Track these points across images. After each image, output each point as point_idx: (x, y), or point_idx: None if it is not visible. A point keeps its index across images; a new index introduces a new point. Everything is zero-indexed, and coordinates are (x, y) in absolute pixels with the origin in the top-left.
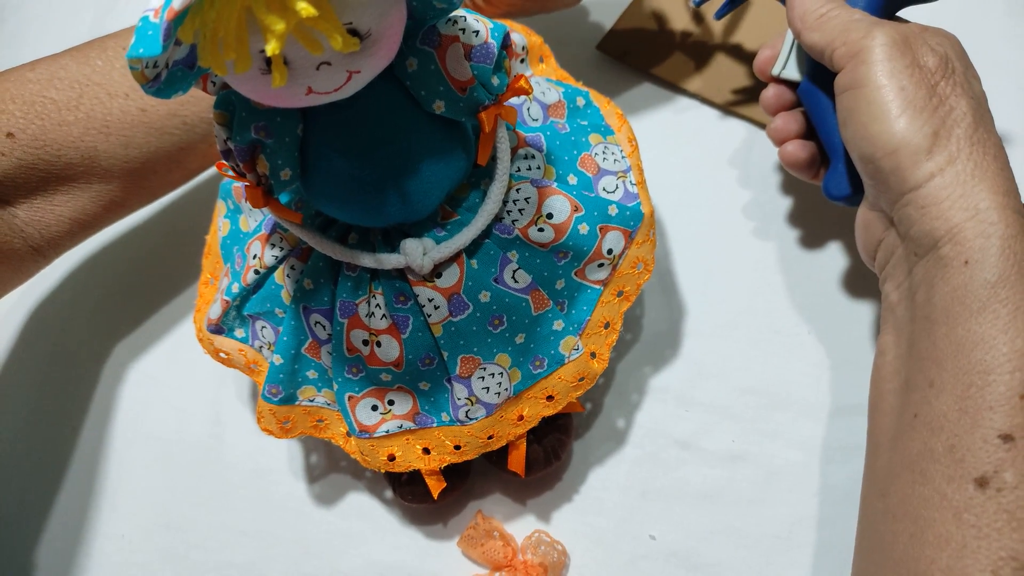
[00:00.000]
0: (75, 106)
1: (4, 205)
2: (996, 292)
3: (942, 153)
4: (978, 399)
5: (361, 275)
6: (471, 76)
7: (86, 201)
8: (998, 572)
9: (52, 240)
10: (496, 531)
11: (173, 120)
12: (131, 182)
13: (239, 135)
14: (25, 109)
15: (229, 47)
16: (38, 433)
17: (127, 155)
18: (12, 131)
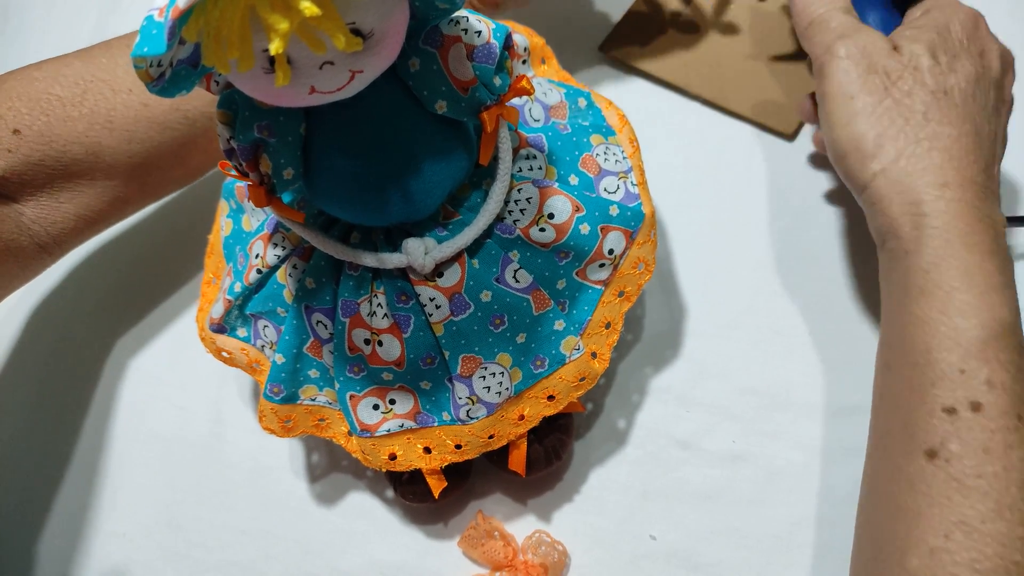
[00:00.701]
0: (79, 102)
1: (10, 202)
2: (931, 277)
3: (886, 154)
4: (922, 377)
5: (363, 274)
6: (473, 76)
7: (91, 198)
8: (950, 536)
9: (58, 237)
10: (497, 531)
11: (175, 115)
12: (135, 178)
13: (242, 134)
14: (31, 106)
15: (233, 46)
16: (39, 431)
17: (130, 150)
18: (18, 127)
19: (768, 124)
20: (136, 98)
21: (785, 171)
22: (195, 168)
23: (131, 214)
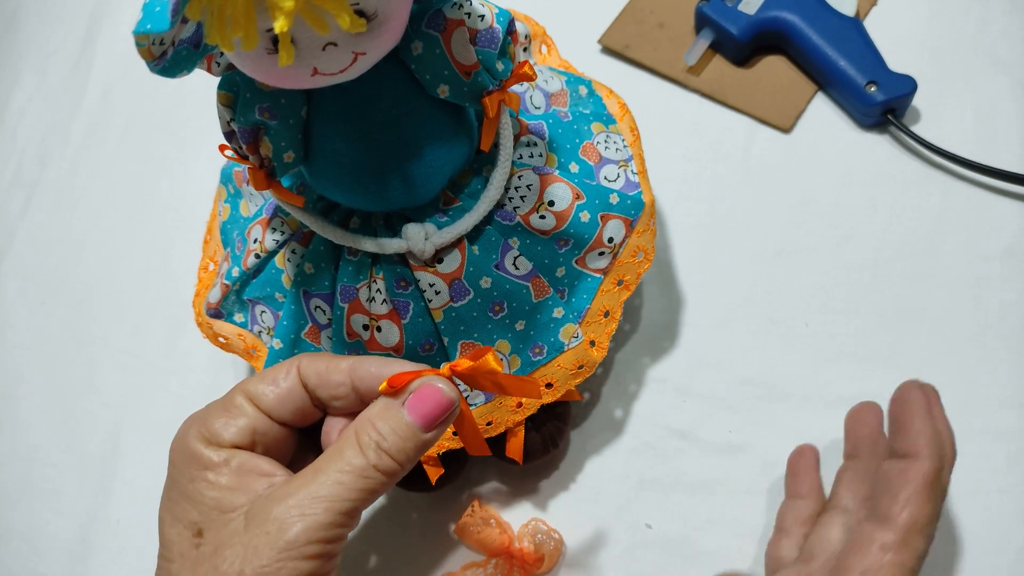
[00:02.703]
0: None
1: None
2: None
3: None
4: None
5: (362, 260)
6: (476, 61)
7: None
8: None
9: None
10: (493, 519)
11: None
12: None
13: (243, 116)
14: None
15: (237, 24)
16: (34, 418)
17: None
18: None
19: (765, 118)
20: None
21: (782, 163)
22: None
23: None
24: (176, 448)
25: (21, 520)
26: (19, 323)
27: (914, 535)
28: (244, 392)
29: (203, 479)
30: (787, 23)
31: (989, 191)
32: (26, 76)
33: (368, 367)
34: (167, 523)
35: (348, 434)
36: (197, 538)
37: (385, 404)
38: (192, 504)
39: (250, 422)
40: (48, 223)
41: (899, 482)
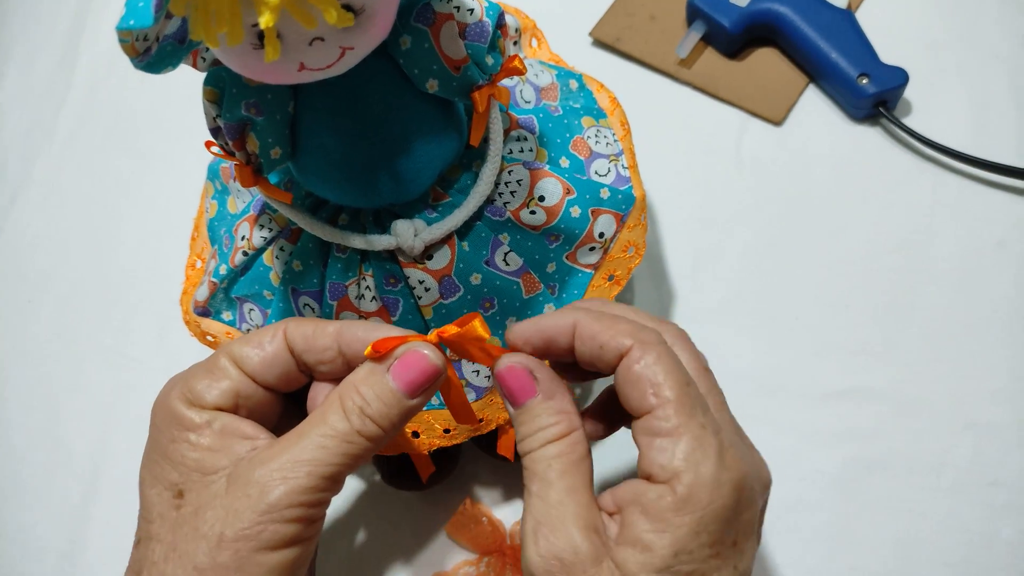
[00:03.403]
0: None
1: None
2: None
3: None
4: None
5: (351, 256)
6: (465, 55)
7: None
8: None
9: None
10: (484, 516)
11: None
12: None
13: (229, 112)
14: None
15: (222, 19)
16: (21, 417)
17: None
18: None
19: (756, 110)
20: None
21: (774, 156)
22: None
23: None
24: (158, 408)
25: (9, 520)
26: (5, 321)
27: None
28: (228, 354)
29: (184, 440)
30: (779, 15)
31: (981, 183)
32: (10, 73)
33: (355, 331)
34: (147, 483)
35: (332, 398)
36: (177, 499)
37: (370, 369)
38: (172, 465)
39: (233, 385)
40: (34, 220)
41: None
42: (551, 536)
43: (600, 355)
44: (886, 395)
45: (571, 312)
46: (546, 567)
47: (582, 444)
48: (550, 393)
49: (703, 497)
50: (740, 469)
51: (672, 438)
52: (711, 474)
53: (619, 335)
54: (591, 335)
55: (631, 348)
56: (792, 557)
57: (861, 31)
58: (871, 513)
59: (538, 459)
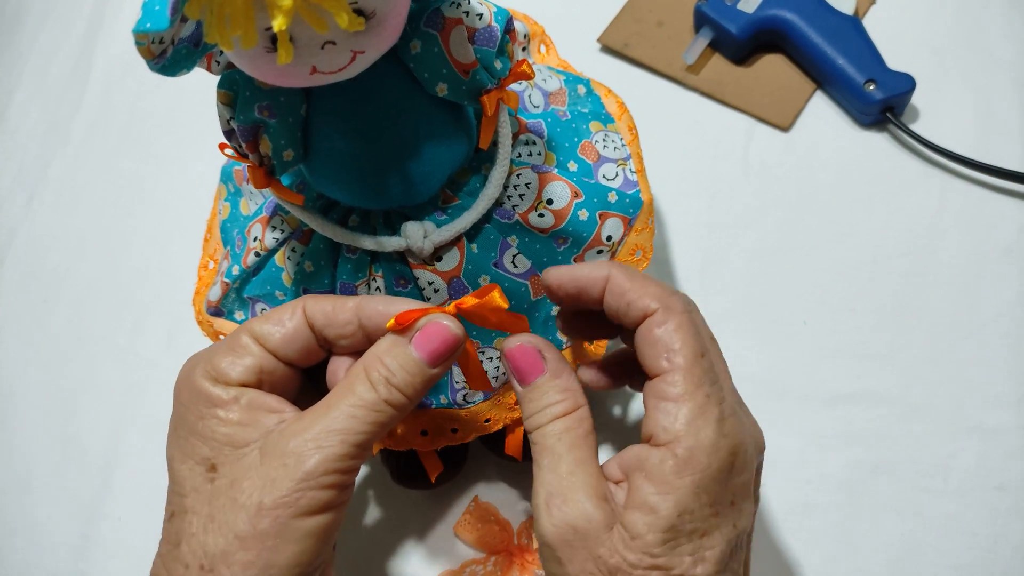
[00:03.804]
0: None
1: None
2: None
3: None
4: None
5: (361, 257)
6: (474, 59)
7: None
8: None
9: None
10: (492, 516)
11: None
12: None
13: (242, 114)
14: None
15: (236, 23)
16: (35, 415)
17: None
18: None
19: (763, 116)
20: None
21: (781, 162)
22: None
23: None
24: (183, 386)
25: (23, 517)
26: (20, 321)
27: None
28: (250, 332)
29: (213, 416)
30: (786, 22)
31: (987, 189)
32: (27, 76)
33: (375, 306)
34: (177, 459)
35: (357, 370)
36: (211, 472)
37: (393, 341)
38: (203, 440)
39: (256, 361)
40: (49, 221)
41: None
42: (564, 506)
43: (627, 311)
44: (892, 399)
45: (606, 266)
46: (561, 535)
47: (588, 420)
48: (557, 372)
49: (702, 460)
50: (737, 436)
51: (677, 403)
52: (710, 439)
53: (647, 296)
54: (621, 291)
55: (656, 311)
56: (797, 559)
57: (868, 37)
58: (876, 516)
59: (547, 434)
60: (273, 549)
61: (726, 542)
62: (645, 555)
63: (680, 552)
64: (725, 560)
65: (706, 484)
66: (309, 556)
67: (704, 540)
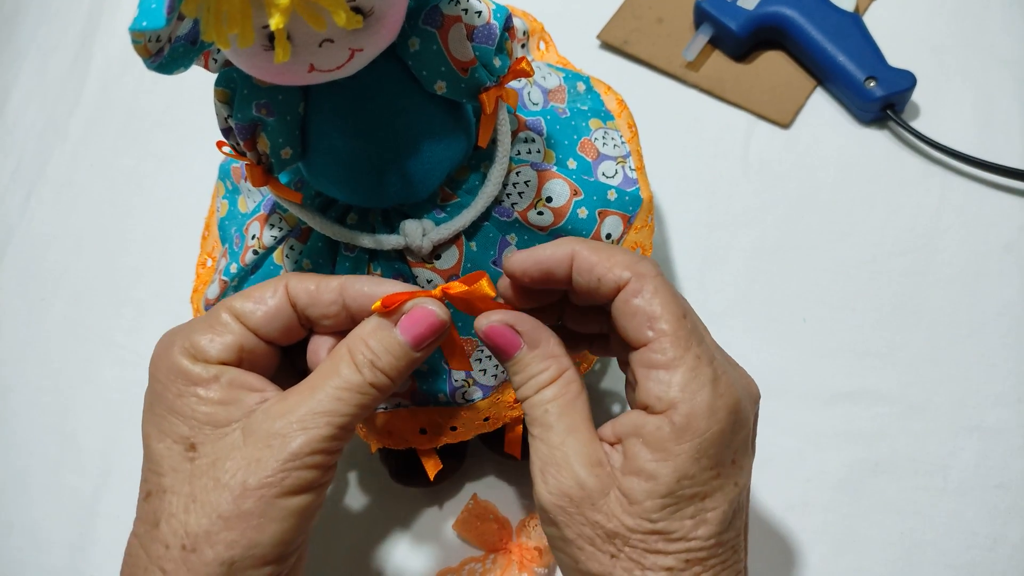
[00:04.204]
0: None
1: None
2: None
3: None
4: None
5: (360, 256)
6: (473, 57)
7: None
8: None
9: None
10: (491, 514)
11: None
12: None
13: (240, 112)
14: None
15: (233, 21)
16: (33, 413)
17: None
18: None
19: (764, 113)
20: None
21: (781, 159)
22: None
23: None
24: (160, 363)
25: (22, 514)
26: (18, 318)
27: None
28: (230, 310)
29: (192, 394)
30: (786, 18)
31: (988, 187)
32: (25, 72)
33: (360, 287)
34: (154, 437)
35: (341, 352)
36: (191, 452)
37: (378, 323)
38: (182, 419)
39: (236, 339)
40: (47, 219)
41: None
42: (558, 475)
43: (598, 286)
44: (892, 397)
45: (568, 243)
46: (557, 503)
47: (575, 383)
48: (534, 342)
49: (700, 425)
50: (733, 394)
51: (669, 370)
52: (707, 402)
53: (616, 267)
54: (588, 267)
55: (628, 281)
56: (797, 557)
57: (868, 34)
58: (876, 515)
59: (535, 404)
60: (257, 528)
61: (728, 502)
62: (644, 520)
63: (680, 516)
64: (728, 519)
65: (706, 448)
66: (292, 534)
67: (706, 502)
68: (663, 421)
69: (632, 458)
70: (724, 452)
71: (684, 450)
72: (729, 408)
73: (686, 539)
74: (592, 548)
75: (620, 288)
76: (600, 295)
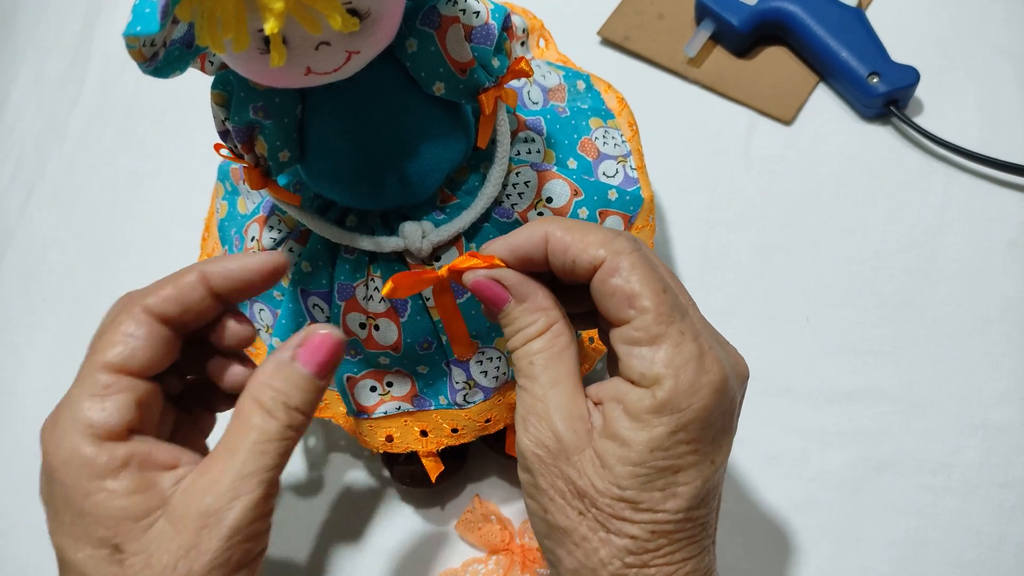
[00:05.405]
0: None
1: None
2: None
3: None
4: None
5: (359, 258)
6: (471, 58)
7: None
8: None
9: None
10: (493, 515)
11: None
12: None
13: (237, 115)
14: None
15: (227, 25)
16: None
17: None
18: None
19: (766, 110)
20: None
21: (783, 156)
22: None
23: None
24: (56, 455)
25: (25, 517)
26: (20, 320)
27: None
28: (102, 366)
29: (101, 490)
30: (788, 13)
31: (992, 183)
32: (23, 73)
33: (220, 265)
34: (70, 548)
35: (246, 404)
36: (117, 554)
37: (276, 363)
38: (96, 521)
39: (127, 395)
40: (47, 220)
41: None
42: (538, 424)
43: (573, 267)
44: (895, 395)
45: (542, 224)
46: (534, 451)
47: (563, 336)
48: (522, 296)
49: (681, 402)
50: (719, 372)
51: (652, 347)
52: (690, 380)
53: (591, 246)
54: (563, 248)
55: (604, 259)
56: (801, 556)
57: (871, 29)
58: (880, 514)
59: (521, 356)
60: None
61: (703, 479)
62: (613, 486)
63: (651, 488)
64: (700, 496)
65: (684, 423)
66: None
67: (678, 476)
68: (645, 394)
69: (610, 422)
70: (704, 430)
71: (662, 423)
72: (714, 386)
73: (653, 511)
74: (562, 501)
75: (596, 268)
76: (578, 275)
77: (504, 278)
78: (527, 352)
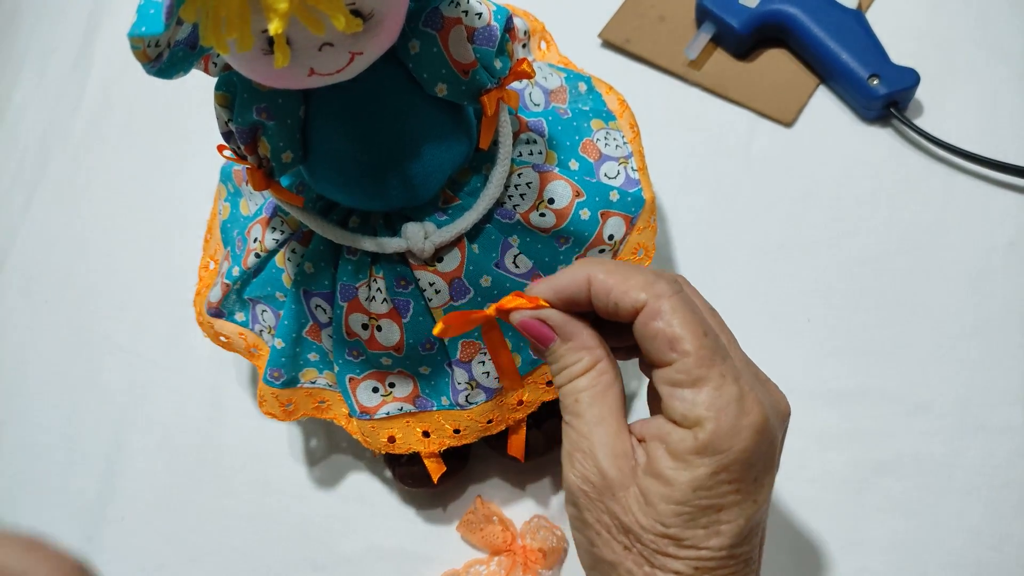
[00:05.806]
0: None
1: None
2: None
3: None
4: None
5: (362, 259)
6: (474, 59)
7: None
8: None
9: None
10: (495, 516)
11: None
12: None
13: (240, 116)
14: None
15: (231, 26)
16: (37, 416)
17: None
18: None
19: (766, 112)
20: None
21: (783, 157)
22: None
23: None
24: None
25: (26, 518)
26: (22, 321)
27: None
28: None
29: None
30: (789, 16)
31: (992, 184)
32: (26, 75)
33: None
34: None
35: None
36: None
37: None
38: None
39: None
40: (50, 221)
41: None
42: (584, 461)
43: (616, 310)
44: (896, 396)
45: (584, 267)
46: (580, 486)
47: (608, 374)
48: (567, 335)
49: (723, 444)
50: (760, 413)
51: (693, 389)
52: (731, 422)
53: (632, 289)
54: (605, 291)
55: (646, 302)
56: (802, 557)
57: (871, 31)
58: (881, 514)
59: (567, 393)
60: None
61: (746, 518)
62: (657, 523)
63: (694, 525)
64: (743, 534)
65: (727, 465)
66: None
67: (721, 515)
68: (687, 435)
69: (654, 460)
70: (746, 471)
71: (704, 463)
72: (755, 427)
73: (696, 547)
74: (608, 536)
75: (638, 311)
76: (621, 317)
77: (549, 318)
78: (573, 390)
